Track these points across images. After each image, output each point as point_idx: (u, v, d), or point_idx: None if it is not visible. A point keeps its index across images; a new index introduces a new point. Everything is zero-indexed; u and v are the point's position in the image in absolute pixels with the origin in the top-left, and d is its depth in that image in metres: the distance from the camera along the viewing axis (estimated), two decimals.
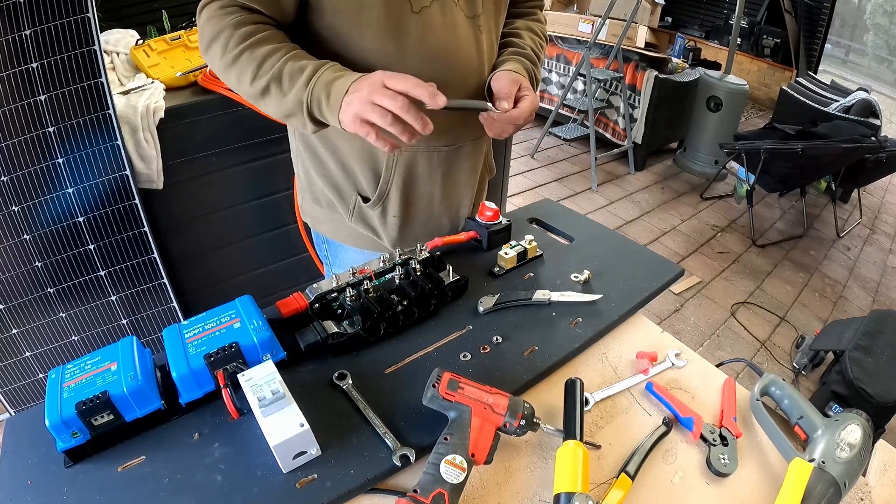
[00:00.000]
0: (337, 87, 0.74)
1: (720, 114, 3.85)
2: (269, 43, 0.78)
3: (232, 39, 0.77)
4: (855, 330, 2.00)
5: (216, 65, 0.81)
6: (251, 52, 0.77)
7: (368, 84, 0.72)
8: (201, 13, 0.81)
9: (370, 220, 1.01)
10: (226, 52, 0.78)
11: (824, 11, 5.45)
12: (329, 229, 1.07)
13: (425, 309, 0.82)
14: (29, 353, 1.48)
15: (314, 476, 0.61)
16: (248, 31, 0.77)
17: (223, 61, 0.79)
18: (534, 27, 1.03)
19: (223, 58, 0.79)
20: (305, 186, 1.06)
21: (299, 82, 0.76)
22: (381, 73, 0.72)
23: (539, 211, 1.14)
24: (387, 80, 0.71)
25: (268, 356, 0.70)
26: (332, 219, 1.05)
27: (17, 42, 1.20)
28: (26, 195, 1.32)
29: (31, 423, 0.67)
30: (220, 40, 0.78)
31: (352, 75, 0.75)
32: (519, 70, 0.91)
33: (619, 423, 0.72)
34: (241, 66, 0.78)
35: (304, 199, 1.09)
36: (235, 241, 1.76)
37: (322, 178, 1.00)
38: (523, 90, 0.87)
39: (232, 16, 0.78)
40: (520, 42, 0.98)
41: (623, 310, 0.87)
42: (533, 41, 1.00)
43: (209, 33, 0.79)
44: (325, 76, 0.75)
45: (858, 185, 3.75)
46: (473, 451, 0.60)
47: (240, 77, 0.79)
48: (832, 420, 0.67)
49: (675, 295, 2.80)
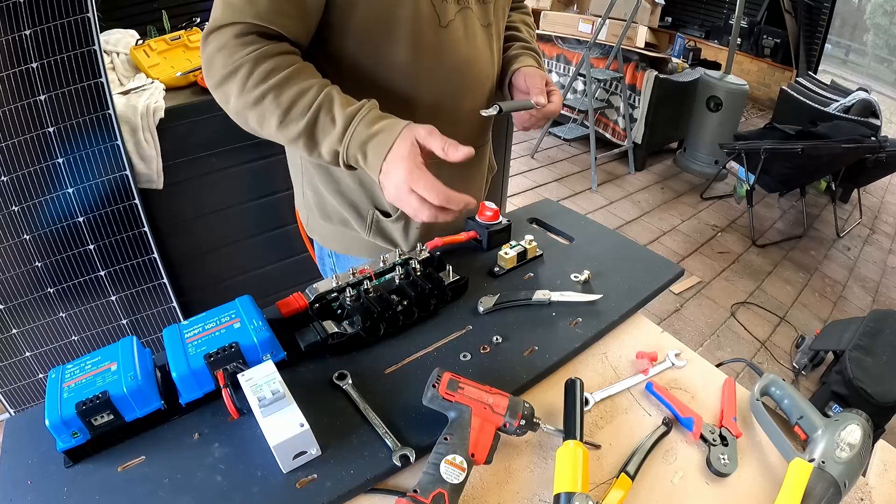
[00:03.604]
0: (375, 149, 0.70)
1: (720, 114, 3.85)
2: (296, 83, 0.71)
3: (252, 78, 0.70)
4: (855, 330, 2.00)
5: (231, 103, 0.73)
6: (276, 94, 0.70)
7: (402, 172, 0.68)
8: (209, 39, 0.71)
9: (390, 233, 0.99)
10: (244, 92, 0.71)
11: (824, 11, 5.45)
12: (341, 246, 1.05)
13: (425, 309, 0.82)
14: (29, 353, 1.48)
15: (314, 476, 0.61)
16: (269, 68, 0.70)
17: (240, 101, 0.72)
18: (527, 20, 1.07)
19: (241, 97, 0.71)
20: (314, 204, 1.02)
21: (333, 136, 0.71)
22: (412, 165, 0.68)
23: (539, 211, 1.14)
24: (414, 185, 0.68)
25: (268, 356, 0.70)
26: (346, 235, 1.02)
27: (17, 42, 1.20)
28: (26, 195, 1.32)
29: (31, 423, 0.67)
30: (238, 78, 0.70)
31: (388, 132, 0.70)
32: (536, 66, 0.95)
33: (619, 423, 0.72)
34: (263, 109, 0.71)
35: (312, 217, 1.05)
36: (235, 241, 1.76)
37: (336, 195, 0.97)
38: (550, 85, 0.91)
39: (250, 47, 0.70)
40: (522, 36, 1.01)
41: (623, 310, 0.87)
42: (530, 35, 1.04)
43: (222, 66, 0.71)
44: (359, 133, 0.70)
45: (858, 185, 3.75)
46: (473, 451, 0.60)
47: (262, 121, 0.73)
48: (832, 420, 0.67)
49: (675, 295, 2.80)
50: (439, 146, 0.69)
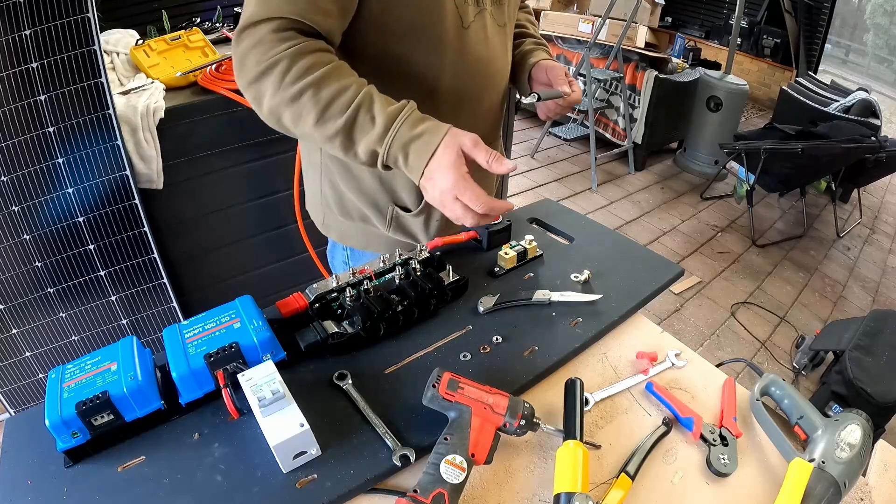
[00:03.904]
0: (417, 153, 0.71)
1: (720, 114, 3.85)
2: (335, 81, 0.71)
3: (290, 74, 0.69)
4: (855, 330, 2.00)
5: (266, 101, 0.72)
6: (314, 91, 0.70)
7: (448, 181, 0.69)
8: (243, 35, 0.71)
9: (410, 228, 1.00)
10: (281, 89, 0.70)
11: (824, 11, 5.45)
12: (360, 241, 1.05)
13: (425, 309, 0.82)
14: (29, 353, 1.48)
15: (314, 476, 0.61)
16: (308, 65, 0.70)
17: (276, 98, 0.71)
18: (531, 19, 1.13)
19: (277, 94, 0.71)
20: (333, 202, 1.02)
21: (372, 136, 0.71)
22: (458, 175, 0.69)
23: (539, 211, 1.14)
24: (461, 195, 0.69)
25: (268, 356, 0.70)
26: (366, 231, 1.03)
27: (17, 42, 1.20)
28: (26, 195, 1.32)
29: (31, 423, 0.67)
30: (274, 74, 0.70)
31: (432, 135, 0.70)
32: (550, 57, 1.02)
33: (619, 423, 0.72)
34: (300, 106, 0.71)
35: (329, 215, 1.05)
36: (235, 241, 1.76)
37: (356, 192, 0.97)
38: (568, 76, 0.98)
39: (287, 42, 0.70)
40: (531, 33, 1.08)
41: (623, 310, 0.87)
42: (536, 31, 1.10)
43: (257, 62, 0.70)
44: (401, 134, 0.71)
45: (858, 185, 3.75)
46: (473, 451, 0.60)
47: (297, 118, 0.72)
48: (832, 420, 0.67)
49: (675, 295, 2.80)
50: (484, 158, 0.70)
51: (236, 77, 0.74)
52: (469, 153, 0.70)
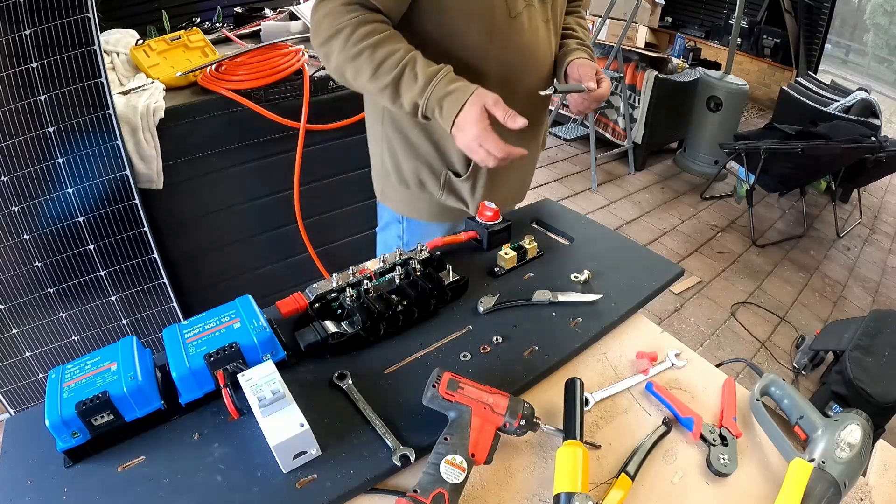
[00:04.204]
0: (449, 105, 0.86)
1: (720, 114, 3.85)
2: (389, 44, 0.87)
3: (353, 37, 0.86)
4: (855, 330, 2.00)
5: (333, 59, 0.90)
6: (371, 52, 0.86)
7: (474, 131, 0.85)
8: (319, 6, 0.88)
9: (460, 193, 1.12)
10: (345, 49, 0.87)
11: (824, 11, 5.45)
12: (414, 209, 1.18)
13: (425, 309, 0.82)
14: (29, 353, 1.48)
15: (314, 476, 0.61)
16: (368, 31, 0.86)
17: (341, 56, 0.88)
18: (581, 23, 1.21)
19: (341, 53, 0.88)
20: (391, 171, 1.15)
21: (415, 89, 0.87)
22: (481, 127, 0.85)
23: (539, 211, 1.14)
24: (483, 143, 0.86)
25: (268, 356, 0.70)
26: (420, 198, 1.15)
27: (17, 42, 1.20)
28: (26, 195, 1.32)
29: (31, 423, 0.67)
30: (341, 37, 0.87)
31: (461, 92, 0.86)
32: (588, 59, 1.08)
33: (619, 423, 0.72)
34: (360, 63, 0.87)
35: (387, 184, 1.18)
36: (235, 241, 1.76)
37: (414, 159, 1.10)
38: (599, 74, 1.04)
39: (352, 13, 0.86)
40: (576, 35, 1.16)
41: (623, 310, 0.87)
42: (585, 35, 1.18)
43: (328, 28, 0.87)
44: (438, 89, 0.86)
45: (858, 185, 3.75)
46: (473, 451, 0.60)
47: (357, 73, 0.89)
48: (832, 420, 0.67)
49: (675, 295, 2.80)
50: (501, 115, 0.86)
51: (312, 39, 0.92)
52: (490, 110, 0.85)
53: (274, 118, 1.57)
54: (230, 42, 1.90)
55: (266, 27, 1.93)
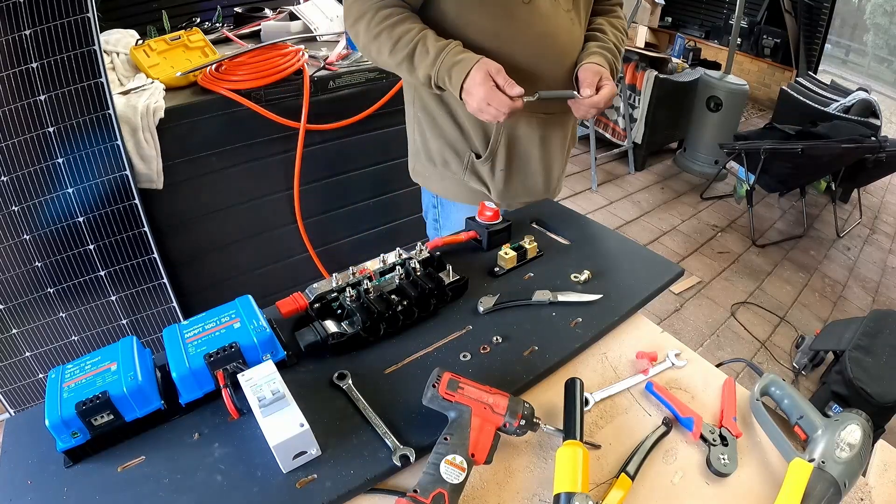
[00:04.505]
0: (457, 73, 0.95)
1: (720, 114, 3.84)
2: (404, 24, 0.98)
3: (374, 19, 0.98)
4: (855, 330, 2.00)
5: (360, 39, 1.02)
6: (389, 31, 0.97)
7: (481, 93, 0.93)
8: None
9: (481, 175, 1.18)
10: (369, 29, 0.99)
11: (824, 11, 5.45)
12: (441, 187, 1.26)
13: (425, 309, 0.82)
14: (29, 353, 1.48)
15: (314, 476, 0.61)
16: (387, 14, 0.98)
17: (366, 36, 1.00)
18: (615, 23, 1.18)
19: (366, 33, 1.00)
20: (420, 149, 1.24)
21: (427, 62, 0.97)
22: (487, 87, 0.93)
23: (539, 211, 1.14)
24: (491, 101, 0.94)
25: (268, 356, 0.70)
26: (445, 176, 1.22)
27: (17, 42, 1.20)
28: (26, 195, 1.32)
29: (31, 423, 0.67)
30: (365, 19, 0.99)
31: (467, 62, 0.95)
32: (602, 63, 1.07)
33: (619, 423, 0.72)
34: (381, 41, 0.99)
35: (418, 162, 1.26)
36: (235, 241, 1.76)
37: (439, 139, 1.18)
38: (603, 80, 1.03)
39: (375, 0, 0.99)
40: (603, 37, 1.13)
41: (623, 310, 0.87)
42: (615, 36, 1.15)
43: (356, 12, 1.00)
44: (447, 61, 0.96)
45: (858, 185, 3.74)
46: (473, 451, 0.60)
47: (379, 50, 1.00)
48: (832, 420, 0.67)
49: (675, 295, 2.80)
50: (501, 81, 0.94)
51: (344, 21, 1.06)
52: (493, 76, 0.94)
53: (274, 118, 1.57)
54: (230, 42, 1.90)
55: (266, 27, 1.93)
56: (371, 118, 1.76)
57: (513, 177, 1.19)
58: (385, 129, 1.84)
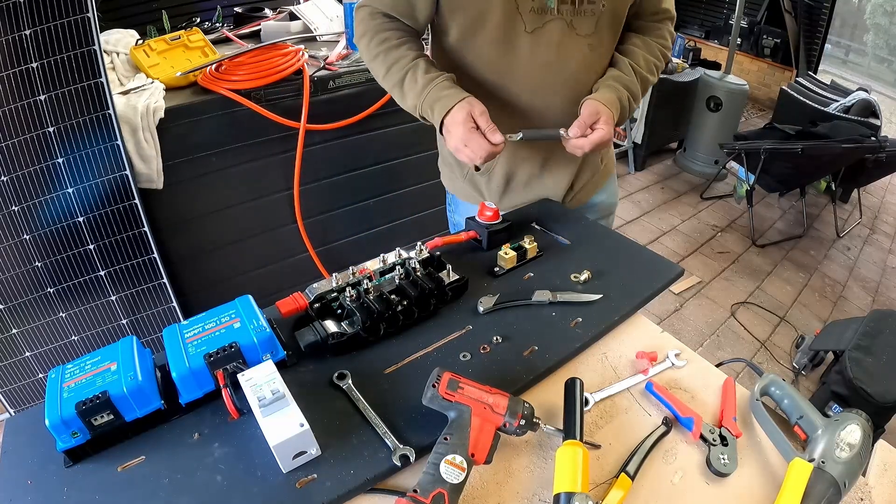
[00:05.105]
0: (439, 109, 0.94)
1: (720, 114, 3.84)
2: (400, 49, 0.99)
3: (373, 41, 1.00)
4: (855, 330, 2.00)
5: (363, 55, 1.04)
6: (385, 55, 0.99)
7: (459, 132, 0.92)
8: (358, 10, 1.03)
9: (478, 184, 1.20)
10: (368, 49, 1.01)
11: (824, 11, 5.44)
12: (451, 186, 1.28)
13: (425, 309, 0.82)
14: (29, 353, 1.48)
15: (314, 476, 0.61)
16: (385, 37, 0.99)
17: (366, 56, 1.03)
18: (652, 45, 1.07)
19: (366, 53, 1.02)
20: (440, 148, 1.27)
21: (414, 91, 0.97)
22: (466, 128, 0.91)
23: (539, 211, 1.14)
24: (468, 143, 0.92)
25: (268, 356, 0.70)
26: (453, 177, 1.25)
27: (17, 42, 1.20)
28: (26, 195, 1.32)
29: (31, 423, 0.67)
30: (365, 39, 1.01)
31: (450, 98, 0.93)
32: (609, 100, 0.98)
33: (619, 423, 0.72)
34: (377, 63, 1.00)
35: (440, 159, 1.29)
36: (235, 241, 1.76)
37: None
38: (600, 123, 0.95)
39: (376, 20, 1.00)
40: (628, 64, 1.03)
41: (623, 310, 0.87)
42: (646, 62, 1.05)
43: (360, 31, 1.02)
44: (432, 94, 0.95)
45: (858, 185, 3.74)
46: (473, 451, 0.60)
47: (376, 72, 1.02)
48: (832, 420, 0.67)
49: (675, 295, 2.80)
50: (483, 125, 0.92)
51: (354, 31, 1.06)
52: (475, 117, 0.92)
53: (274, 118, 1.57)
54: (230, 42, 1.90)
55: (266, 27, 1.93)
56: (371, 118, 1.76)
57: (510, 191, 1.18)
58: (385, 129, 1.84)
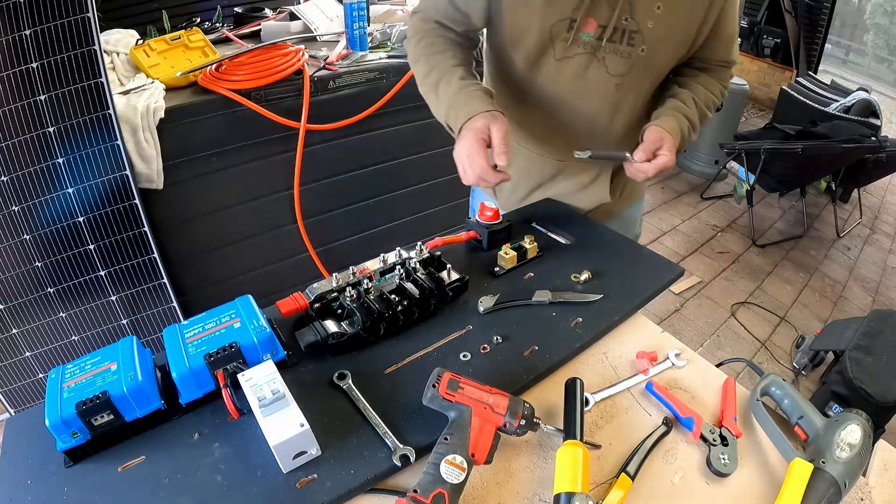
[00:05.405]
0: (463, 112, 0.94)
1: (720, 114, 3.83)
2: (443, 55, 1.02)
3: (420, 43, 1.04)
4: (855, 330, 2.00)
5: (409, 58, 1.08)
6: (427, 58, 1.03)
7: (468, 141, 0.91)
8: (412, 16, 1.08)
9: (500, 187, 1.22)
10: (413, 52, 1.05)
11: (824, 11, 5.44)
12: None
13: (425, 309, 0.82)
14: (29, 353, 1.48)
15: (314, 476, 0.61)
16: (431, 41, 1.04)
17: (410, 58, 1.07)
18: (712, 84, 1.08)
19: (410, 55, 1.06)
20: None
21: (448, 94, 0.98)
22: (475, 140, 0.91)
23: (539, 211, 1.14)
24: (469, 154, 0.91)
25: (268, 356, 0.70)
26: None
27: (17, 42, 1.20)
28: (26, 195, 1.32)
29: (31, 423, 0.67)
30: (413, 41, 1.06)
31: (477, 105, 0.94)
32: (671, 128, 0.99)
33: (619, 423, 0.72)
34: (419, 66, 1.04)
35: None
36: (235, 241, 1.76)
37: None
38: (663, 150, 0.97)
39: (427, 24, 1.06)
40: (690, 97, 1.04)
41: (623, 310, 0.87)
42: (706, 98, 1.06)
43: (412, 30, 1.07)
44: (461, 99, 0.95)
45: (858, 185, 3.74)
46: (473, 451, 0.60)
47: (417, 74, 1.05)
48: (832, 420, 0.67)
49: (675, 295, 2.80)
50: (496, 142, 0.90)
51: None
52: (492, 133, 0.90)
53: (274, 118, 1.57)
54: (230, 42, 1.90)
55: (266, 27, 1.93)
56: (371, 118, 1.76)
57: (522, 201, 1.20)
58: (385, 129, 1.84)
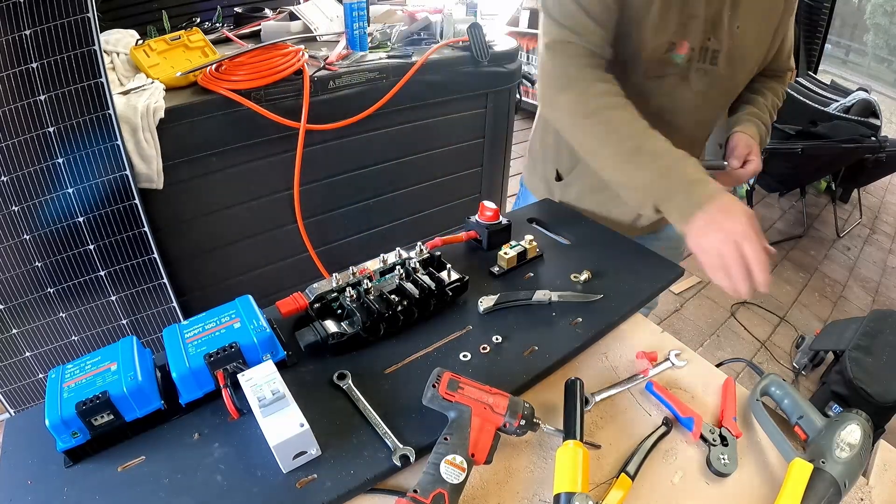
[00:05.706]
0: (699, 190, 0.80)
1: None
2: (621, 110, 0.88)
3: (590, 93, 0.88)
4: (855, 330, 2.00)
5: (564, 108, 0.93)
6: (606, 115, 0.88)
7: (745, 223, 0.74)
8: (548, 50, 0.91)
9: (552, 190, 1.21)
10: (580, 104, 0.89)
11: (824, 11, 5.44)
12: (529, 180, 1.30)
13: (425, 309, 0.82)
14: (29, 353, 1.48)
15: (314, 476, 0.61)
16: (603, 90, 0.89)
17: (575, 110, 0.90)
18: (777, 89, 1.14)
19: (576, 107, 0.90)
20: (533, 138, 1.28)
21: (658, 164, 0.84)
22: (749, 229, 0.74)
23: (539, 211, 1.14)
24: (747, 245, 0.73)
25: (268, 356, 0.70)
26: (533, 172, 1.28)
27: (17, 42, 1.20)
28: (26, 195, 1.32)
29: (31, 423, 0.67)
30: (577, 89, 0.89)
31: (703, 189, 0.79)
32: (754, 134, 1.05)
33: (619, 423, 0.72)
34: (592, 123, 0.89)
35: (529, 149, 1.30)
36: (235, 241, 1.76)
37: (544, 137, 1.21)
38: (752, 155, 1.02)
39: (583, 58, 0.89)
40: (762, 103, 1.11)
41: (623, 310, 0.87)
42: (773, 103, 1.13)
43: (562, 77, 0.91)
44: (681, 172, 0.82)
45: (858, 185, 3.74)
46: (473, 451, 0.60)
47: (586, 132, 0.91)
48: (832, 420, 0.67)
49: (675, 295, 2.80)
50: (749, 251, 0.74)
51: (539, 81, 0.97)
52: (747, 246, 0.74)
53: (274, 118, 1.57)
54: (230, 42, 1.90)
55: (266, 27, 1.93)
56: (371, 118, 1.75)
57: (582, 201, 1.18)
58: (385, 129, 1.83)
